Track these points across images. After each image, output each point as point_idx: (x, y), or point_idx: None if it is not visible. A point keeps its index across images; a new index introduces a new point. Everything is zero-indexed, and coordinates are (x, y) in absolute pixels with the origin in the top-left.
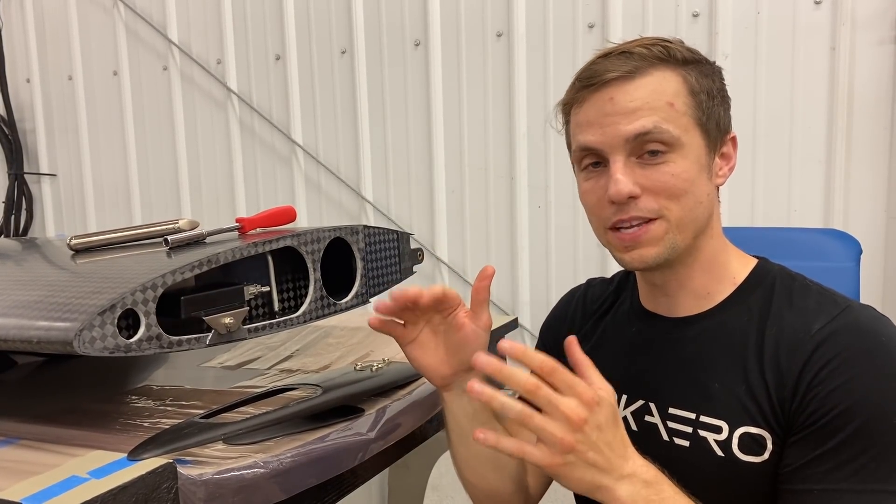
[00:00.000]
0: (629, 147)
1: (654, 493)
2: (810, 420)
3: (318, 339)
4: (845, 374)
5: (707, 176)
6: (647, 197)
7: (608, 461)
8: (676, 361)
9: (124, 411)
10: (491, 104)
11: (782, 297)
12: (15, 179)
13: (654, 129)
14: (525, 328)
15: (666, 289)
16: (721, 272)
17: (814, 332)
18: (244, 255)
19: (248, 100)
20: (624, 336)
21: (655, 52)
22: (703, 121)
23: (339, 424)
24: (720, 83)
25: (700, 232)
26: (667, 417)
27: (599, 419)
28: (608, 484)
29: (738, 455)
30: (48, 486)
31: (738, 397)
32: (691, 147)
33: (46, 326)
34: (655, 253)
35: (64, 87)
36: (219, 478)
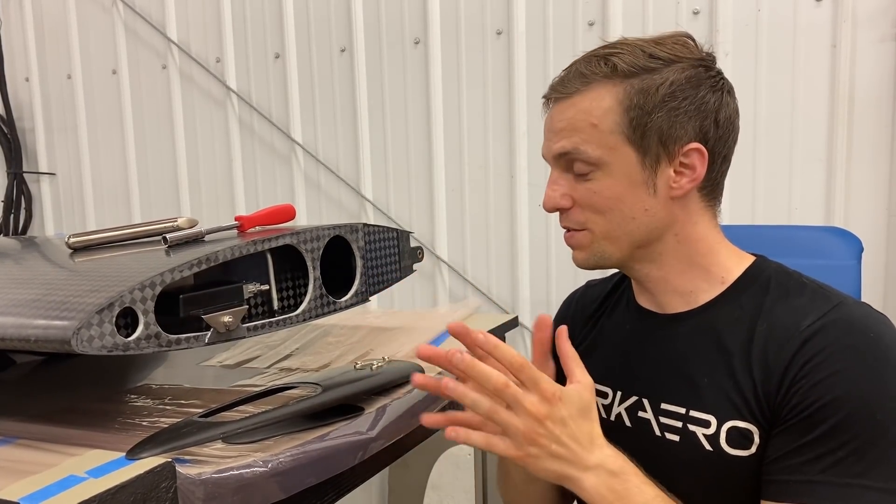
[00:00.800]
0: (562, 162)
1: (619, 482)
2: (794, 412)
3: (317, 338)
4: (830, 367)
5: (645, 191)
6: (577, 209)
7: (572, 453)
8: (667, 358)
9: (123, 410)
10: (491, 102)
11: (776, 294)
12: (14, 178)
13: (572, 150)
14: (525, 326)
15: (650, 287)
16: (703, 273)
17: (803, 328)
18: (243, 254)
19: (248, 98)
20: (620, 333)
21: (599, 68)
22: (635, 137)
23: (338, 423)
24: (687, 91)
25: (647, 242)
26: (659, 413)
27: (562, 413)
28: (574, 474)
29: (725, 449)
30: (46, 485)
31: (726, 392)
32: (618, 165)
33: (44, 325)
34: (584, 257)
35: (63, 86)
36: (218, 477)
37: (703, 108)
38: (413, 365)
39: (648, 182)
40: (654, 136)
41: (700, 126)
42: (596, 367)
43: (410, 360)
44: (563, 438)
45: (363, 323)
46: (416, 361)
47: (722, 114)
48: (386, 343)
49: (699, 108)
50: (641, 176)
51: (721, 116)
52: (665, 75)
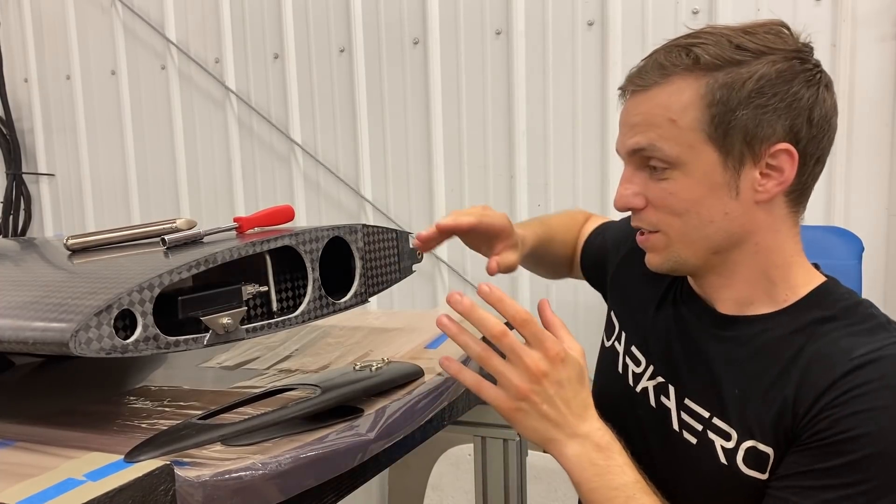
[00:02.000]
0: (635, 160)
1: (602, 457)
2: (817, 436)
3: (317, 339)
4: (871, 402)
5: (727, 193)
6: (650, 210)
7: (562, 417)
8: (705, 356)
9: (122, 412)
10: (490, 102)
11: (838, 320)
12: (13, 179)
13: (647, 146)
14: None
15: (706, 287)
16: (769, 286)
17: (855, 356)
18: (242, 255)
19: (247, 99)
20: (667, 307)
21: (680, 59)
22: (717, 135)
23: (338, 425)
24: (778, 86)
25: (725, 248)
26: (681, 407)
27: (561, 375)
28: (559, 438)
29: (740, 467)
30: (44, 488)
31: (756, 409)
32: (697, 164)
33: (42, 327)
34: (659, 262)
35: (62, 87)
36: (216, 479)
37: (796, 105)
38: (413, 366)
39: (731, 184)
40: (738, 134)
41: (791, 125)
42: (638, 328)
43: (410, 360)
44: (556, 400)
45: (363, 324)
46: (415, 362)
47: (817, 111)
48: (386, 344)
49: (791, 104)
50: (723, 177)
51: (815, 114)
52: (753, 68)
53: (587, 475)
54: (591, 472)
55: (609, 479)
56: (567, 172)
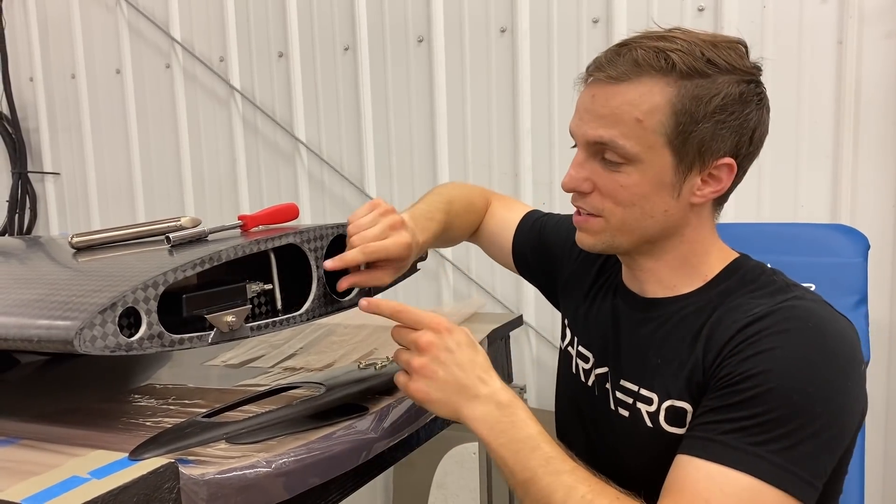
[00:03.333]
0: (593, 148)
1: (506, 415)
2: (721, 382)
3: (321, 337)
4: (762, 345)
5: (670, 194)
6: (596, 196)
7: (459, 381)
8: (635, 338)
9: (127, 410)
10: (495, 100)
11: (743, 288)
12: (19, 178)
13: (609, 142)
14: (529, 325)
15: (635, 273)
16: (690, 270)
17: (751, 313)
18: (246, 253)
19: (251, 97)
20: (606, 305)
21: (657, 61)
22: (677, 142)
23: (342, 423)
24: (735, 106)
25: (655, 239)
26: (617, 388)
27: (448, 342)
28: (463, 403)
29: (664, 426)
30: (49, 486)
31: (673, 372)
32: (652, 164)
33: (47, 325)
34: (591, 243)
35: (67, 86)
36: (221, 477)
37: (745, 126)
38: None
39: (675, 186)
40: (694, 144)
41: (737, 142)
42: (588, 330)
43: None
44: (450, 365)
45: (368, 322)
46: None
47: (758, 131)
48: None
49: (742, 124)
50: (671, 179)
51: (757, 134)
52: (719, 87)
53: (494, 433)
54: (497, 429)
55: (513, 434)
56: None
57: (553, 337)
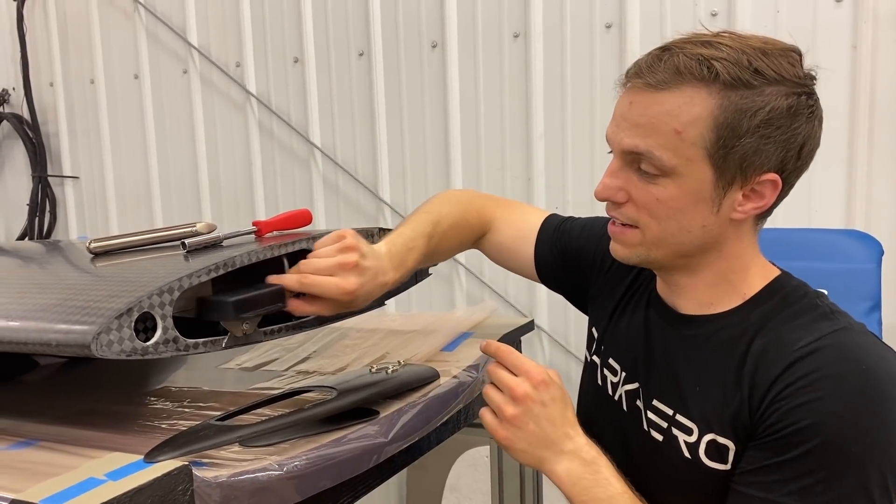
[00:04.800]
0: (629, 157)
1: (590, 472)
2: (770, 430)
3: (334, 341)
4: (813, 392)
5: (709, 208)
6: (631, 207)
7: (550, 436)
8: (668, 356)
9: (142, 413)
10: (508, 105)
11: (785, 312)
12: (39, 182)
13: (645, 152)
14: (542, 329)
15: (671, 288)
16: (729, 288)
17: (796, 348)
18: (261, 259)
19: (267, 102)
20: (639, 317)
21: (699, 69)
22: (718, 156)
23: (353, 427)
24: (782, 120)
25: (692, 254)
26: (649, 407)
27: (544, 396)
28: (548, 457)
29: (703, 460)
30: (66, 487)
31: (714, 404)
32: (690, 178)
33: (65, 330)
34: (625, 255)
35: (86, 91)
36: (234, 480)
37: (792, 141)
38: (429, 369)
39: (715, 201)
40: (736, 159)
41: (784, 157)
42: (618, 341)
43: (426, 363)
44: (542, 420)
45: (380, 326)
46: (431, 365)
47: (807, 146)
48: (402, 346)
49: (789, 139)
50: (710, 194)
51: (806, 148)
52: (766, 99)
53: (577, 490)
54: (581, 486)
55: (597, 492)
56: (584, 175)
57: (566, 342)
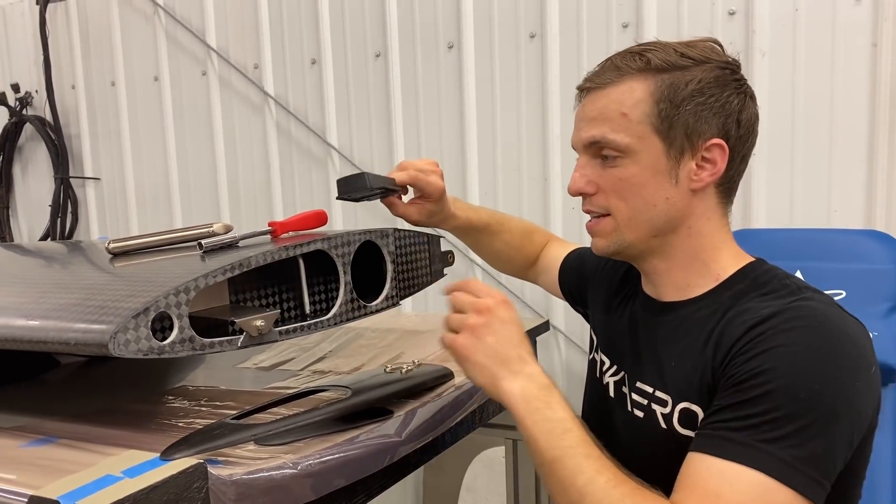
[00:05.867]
0: (591, 150)
1: (543, 395)
2: (730, 381)
3: (350, 341)
4: (768, 343)
5: (668, 180)
6: (601, 195)
7: (507, 353)
8: (651, 341)
9: (160, 411)
10: (524, 105)
11: (755, 291)
12: (61, 183)
13: (601, 138)
14: (558, 329)
15: (650, 277)
16: (702, 269)
17: (761, 313)
18: (276, 259)
19: (285, 104)
20: (626, 312)
21: (634, 62)
22: (663, 128)
23: (367, 426)
24: (713, 89)
25: (664, 232)
26: (633, 390)
27: (505, 316)
28: (504, 375)
29: (677, 428)
30: (83, 484)
31: (685, 374)
32: (645, 153)
33: (84, 329)
34: (604, 245)
35: (107, 93)
36: (248, 478)
37: (727, 108)
38: (443, 369)
39: (671, 172)
40: (680, 128)
41: (723, 124)
42: (608, 337)
43: (441, 363)
44: (501, 335)
45: (396, 326)
46: (446, 365)
47: (744, 115)
48: (417, 346)
49: (723, 106)
50: (666, 165)
51: (743, 117)
52: (694, 73)
53: (529, 409)
54: (533, 406)
55: (548, 413)
56: None
57: (582, 342)
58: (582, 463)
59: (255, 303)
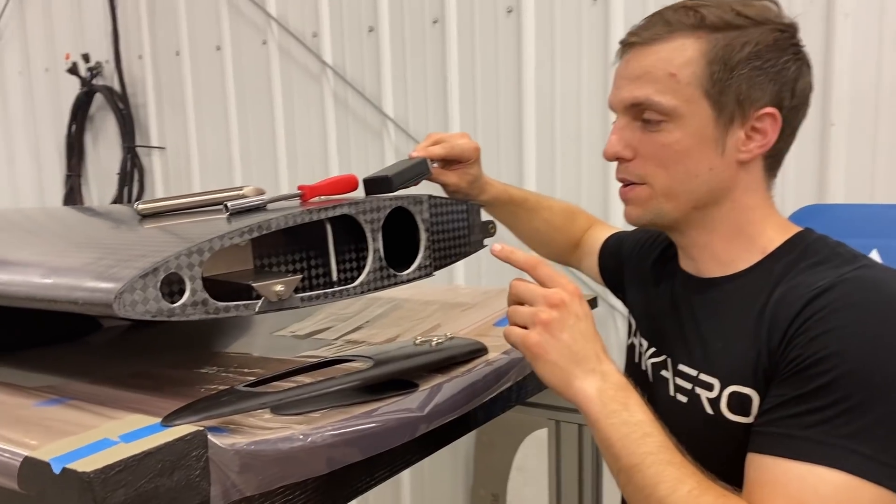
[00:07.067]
0: (632, 111)
1: (622, 395)
2: (790, 367)
3: (388, 312)
4: (832, 322)
5: (714, 149)
6: (639, 161)
7: (581, 350)
8: (693, 321)
9: (187, 377)
10: (585, 72)
11: (806, 262)
12: (128, 152)
13: (645, 100)
14: (616, 310)
15: (689, 251)
16: (747, 242)
17: (815, 286)
18: (298, 223)
19: (342, 73)
20: (664, 292)
21: (687, 17)
22: (714, 92)
23: (388, 399)
24: (770, 54)
25: (705, 204)
26: (676, 373)
27: (578, 309)
28: (578, 374)
29: (725, 414)
30: (78, 447)
31: (734, 356)
32: (691, 118)
33: (91, 288)
34: (638, 214)
35: (172, 63)
36: (253, 448)
37: (784, 75)
38: (476, 343)
39: (719, 141)
40: (732, 94)
41: (778, 92)
42: (646, 319)
43: (476, 337)
44: (575, 331)
45: (435, 298)
46: (481, 339)
47: (799, 84)
48: (455, 319)
49: (780, 73)
50: (713, 133)
51: (798, 86)
52: (751, 34)
53: (605, 411)
54: (610, 408)
55: (625, 416)
56: None
57: None
58: (662, 471)
59: (280, 268)
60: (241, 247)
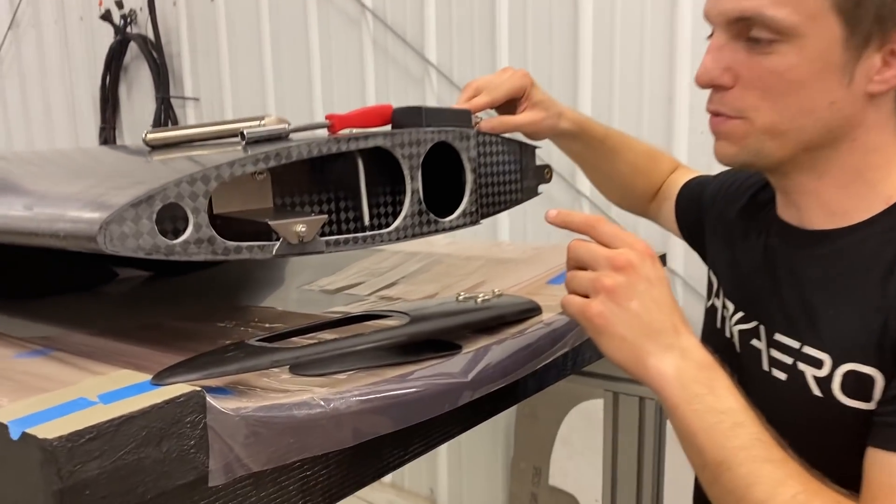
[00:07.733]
0: (735, 27)
1: (705, 377)
2: None
3: (427, 267)
4: None
5: (839, 79)
6: (739, 91)
7: (655, 322)
8: (797, 282)
9: (200, 330)
10: (649, 12)
11: None
12: (161, 103)
13: (755, 14)
14: (677, 274)
15: (792, 197)
16: (866, 190)
17: None
18: (323, 153)
19: (383, 17)
20: (756, 247)
21: None
22: (848, 7)
23: (426, 362)
24: None
25: (818, 145)
26: (771, 344)
27: (649, 272)
28: (653, 350)
29: (838, 397)
30: (47, 407)
31: (851, 327)
32: (815, 39)
33: (74, 218)
34: (732, 153)
35: (206, 10)
36: (262, 415)
37: None
38: (529, 301)
39: (846, 68)
40: (871, 7)
41: None
42: (733, 279)
43: (528, 296)
44: (646, 299)
45: (479, 253)
46: (534, 298)
47: None
48: (503, 276)
49: None
50: (840, 58)
51: None
52: None
53: (686, 395)
54: (692, 391)
55: (711, 402)
56: None
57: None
58: (758, 470)
59: (304, 209)
60: (259, 182)
